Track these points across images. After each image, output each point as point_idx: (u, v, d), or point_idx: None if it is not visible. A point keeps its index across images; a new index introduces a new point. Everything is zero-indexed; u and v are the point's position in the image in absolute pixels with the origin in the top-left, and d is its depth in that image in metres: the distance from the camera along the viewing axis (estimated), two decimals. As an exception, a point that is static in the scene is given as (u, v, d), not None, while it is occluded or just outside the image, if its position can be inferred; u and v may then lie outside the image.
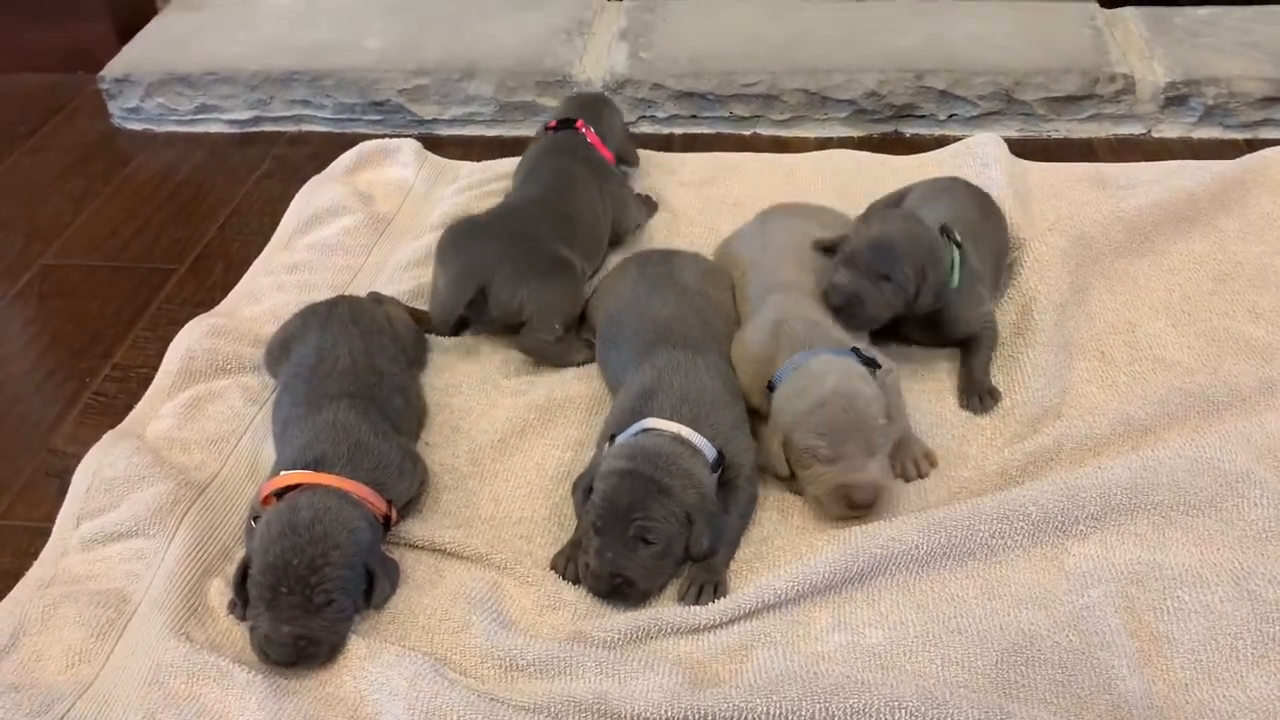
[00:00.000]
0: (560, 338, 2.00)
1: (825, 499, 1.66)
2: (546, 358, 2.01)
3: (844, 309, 1.82)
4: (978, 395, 1.87)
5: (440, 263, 2.06)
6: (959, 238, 1.89)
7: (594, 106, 2.43)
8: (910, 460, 1.76)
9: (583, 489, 1.63)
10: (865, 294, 1.80)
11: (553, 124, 2.37)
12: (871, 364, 1.75)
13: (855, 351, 1.75)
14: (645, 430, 1.65)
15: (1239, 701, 1.42)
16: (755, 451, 1.73)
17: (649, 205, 2.41)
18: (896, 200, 2.19)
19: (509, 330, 2.03)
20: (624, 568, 1.55)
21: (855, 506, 1.65)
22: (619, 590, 1.57)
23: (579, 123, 2.35)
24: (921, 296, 1.83)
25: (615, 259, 2.21)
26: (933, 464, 1.77)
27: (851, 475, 1.64)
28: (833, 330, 1.79)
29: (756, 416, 1.79)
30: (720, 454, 1.65)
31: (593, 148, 2.32)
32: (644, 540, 1.55)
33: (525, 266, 1.99)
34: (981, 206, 2.10)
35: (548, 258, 2.02)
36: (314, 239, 2.37)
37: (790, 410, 1.68)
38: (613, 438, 1.68)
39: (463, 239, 2.05)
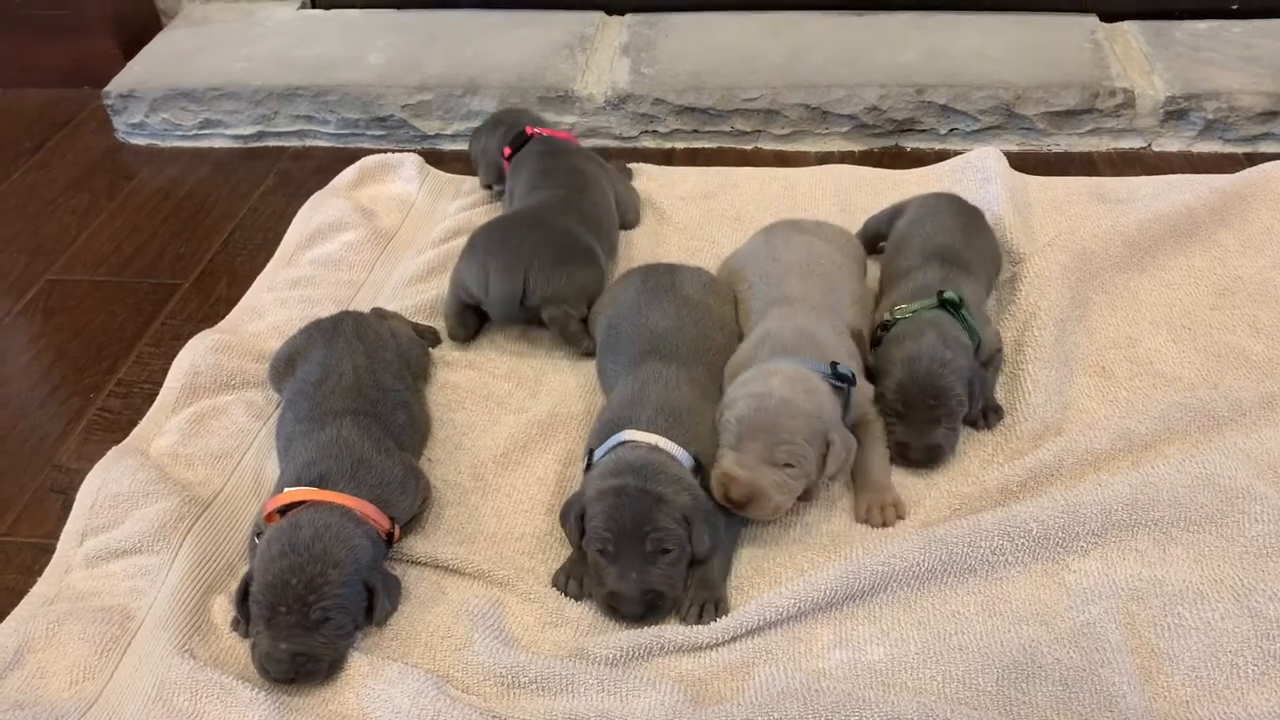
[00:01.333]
0: (583, 317, 2.07)
1: (713, 481, 1.67)
2: (566, 334, 2.06)
3: (928, 463, 1.79)
4: (983, 413, 1.87)
5: (477, 260, 2.07)
6: (956, 296, 1.86)
7: (525, 115, 2.50)
8: (877, 508, 1.73)
9: (575, 515, 1.62)
10: (942, 441, 1.78)
11: (508, 150, 2.39)
12: (845, 379, 1.73)
13: (833, 365, 1.74)
14: (622, 443, 1.65)
15: (1240, 719, 1.42)
16: None
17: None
18: (890, 217, 2.20)
19: (528, 322, 2.09)
20: (653, 583, 1.56)
21: (729, 500, 1.65)
22: (653, 606, 1.57)
23: (529, 129, 2.39)
24: (974, 403, 1.81)
25: (622, 267, 2.24)
26: (900, 515, 1.73)
27: (736, 469, 1.64)
28: (822, 343, 1.79)
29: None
30: (697, 461, 1.66)
31: (569, 143, 2.39)
32: (662, 551, 1.56)
33: (561, 253, 2.05)
34: (968, 225, 2.09)
35: (582, 246, 2.09)
36: (317, 254, 2.38)
37: (730, 391, 1.72)
38: (591, 452, 1.69)
39: (496, 233, 2.10)
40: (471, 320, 2.11)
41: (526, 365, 2.07)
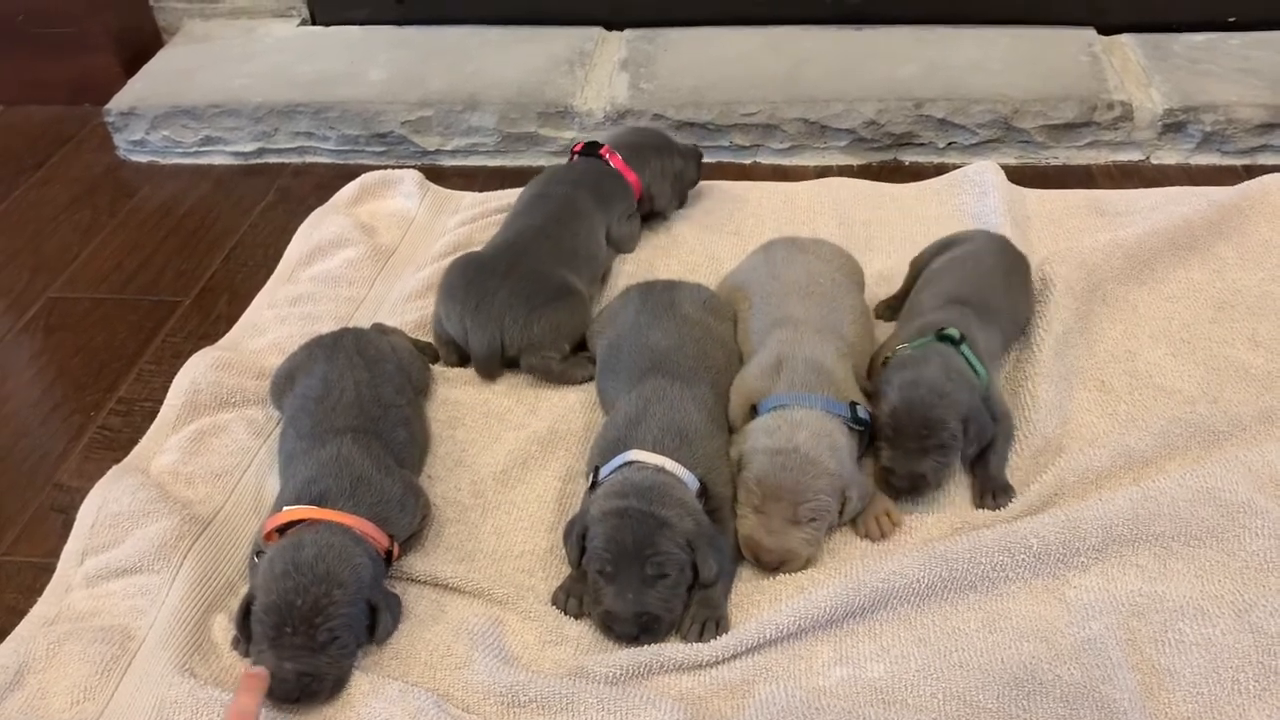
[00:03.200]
0: (566, 356, 2.04)
1: (740, 541, 1.68)
2: (551, 376, 2.04)
3: (911, 491, 1.74)
4: (992, 493, 1.76)
5: (457, 303, 2.06)
6: (956, 333, 1.81)
7: (634, 141, 2.44)
8: (873, 518, 1.73)
9: (577, 534, 1.62)
10: (927, 472, 1.73)
11: (578, 147, 2.40)
12: (864, 424, 1.74)
13: (853, 407, 1.74)
14: (628, 464, 1.65)
15: (1241, 735, 1.43)
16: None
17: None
18: (936, 251, 2.12)
19: (512, 362, 2.06)
20: (648, 605, 1.55)
21: (759, 564, 1.67)
22: (648, 628, 1.57)
23: (604, 148, 2.37)
24: (969, 445, 1.75)
25: (621, 284, 2.23)
26: (895, 522, 1.73)
27: (763, 535, 1.65)
28: (836, 378, 1.78)
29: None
30: (702, 484, 1.66)
31: (607, 175, 2.35)
32: (661, 575, 1.55)
33: (533, 298, 2.03)
34: (1008, 275, 2.02)
35: (554, 285, 2.06)
36: (317, 271, 2.39)
37: (752, 440, 1.70)
38: (596, 470, 1.69)
39: (473, 280, 2.07)
40: (460, 350, 2.10)
41: (526, 381, 2.07)
